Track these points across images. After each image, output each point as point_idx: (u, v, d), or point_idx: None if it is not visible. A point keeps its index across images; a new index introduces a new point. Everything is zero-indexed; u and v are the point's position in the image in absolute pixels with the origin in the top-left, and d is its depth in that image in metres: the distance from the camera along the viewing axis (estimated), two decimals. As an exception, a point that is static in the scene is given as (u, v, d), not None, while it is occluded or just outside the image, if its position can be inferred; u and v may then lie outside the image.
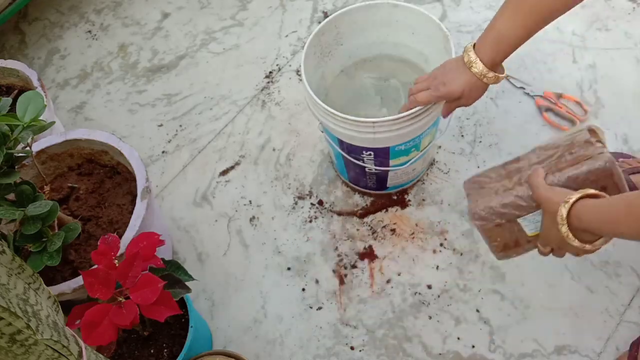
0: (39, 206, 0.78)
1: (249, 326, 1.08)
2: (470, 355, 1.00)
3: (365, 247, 1.13)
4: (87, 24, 1.63)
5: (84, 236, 1.00)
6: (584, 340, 0.99)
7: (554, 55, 1.32)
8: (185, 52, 1.50)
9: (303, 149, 1.28)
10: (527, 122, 1.23)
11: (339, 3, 1.53)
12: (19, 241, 0.81)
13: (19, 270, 0.59)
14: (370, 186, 1.17)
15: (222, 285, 1.13)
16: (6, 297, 0.51)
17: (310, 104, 0.99)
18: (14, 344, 0.51)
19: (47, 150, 1.05)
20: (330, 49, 1.10)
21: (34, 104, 0.80)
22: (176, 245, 1.20)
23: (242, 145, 1.31)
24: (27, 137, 0.80)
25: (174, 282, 0.85)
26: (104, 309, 0.75)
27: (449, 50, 0.97)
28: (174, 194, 1.27)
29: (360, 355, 1.03)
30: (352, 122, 0.92)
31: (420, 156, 1.06)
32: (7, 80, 1.25)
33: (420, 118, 0.93)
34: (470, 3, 1.45)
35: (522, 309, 1.03)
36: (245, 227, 1.20)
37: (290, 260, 1.14)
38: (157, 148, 1.34)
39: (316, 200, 1.21)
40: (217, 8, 1.58)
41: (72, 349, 0.59)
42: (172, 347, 0.92)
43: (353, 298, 1.08)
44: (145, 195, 0.96)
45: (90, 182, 1.07)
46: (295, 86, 1.39)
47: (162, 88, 1.45)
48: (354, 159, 1.05)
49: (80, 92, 1.48)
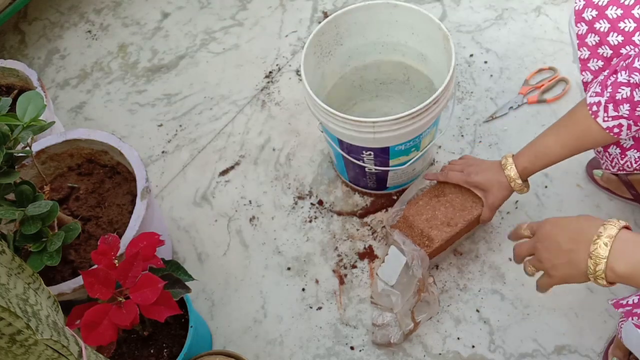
0: (39, 206, 0.78)
1: (249, 326, 1.08)
2: (470, 355, 1.00)
3: (365, 247, 1.13)
4: (87, 24, 1.63)
5: (84, 236, 1.00)
6: (584, 340, 0.99)
7: (554, 55, 1.32)
8: (185, 52, 1.50)
9: (303, 149, 1.28)
10: (527, 122, 1.23)
11: (339, 3, 1.53)
12: (19, 241, 0.81)
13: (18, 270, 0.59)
14: (370, 186, 1.17)
15: (222, 285, 1.13)
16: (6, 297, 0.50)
17: (310, 104, 0.99)
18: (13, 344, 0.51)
19: (47, 150, 1.05)
20: (330, 49, 1.10)
21: (34, 104, 0.80)
22: (176, 245, 1.20)
23: (242, 145, 1.31)
24: (27, 137, 0.79)
25: (174, 282, 0.85)
26: (104, 309, 0.75)
27: (449, 50, 0.97)
28: (173, 194, 1.27)
29: (360, 355, 1.03)
30: (352, 122, 0.92)
31: (420, 156, 1.06)
32: (7, 80, 1.25)
33: (420, 118, 0.93)
34: (470, 3, 1.45)
35: (522, 309, 1.03)
36: (245, 227, 1.20)
37: (290, 260, 1.14)
38: (157, 148, 1.34)
39: (316, 200, 1.21)
40: (217, 8, 1.58)
41: (72, 348, 0.59)
42: (172, 347, 0.92)
43: (353, 298, 1.08)
44: (145, 195, 0.96)
45: (90, 182, 1.07)
46: (295, 86, 1.39)
47: (162, 88, 1.45)
48: (354, 159, 1.05)
49: (80, 92, 1.48)
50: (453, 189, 1.03)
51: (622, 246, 0.61)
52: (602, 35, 0.79)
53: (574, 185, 1.14)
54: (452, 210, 1.01)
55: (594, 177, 1.13)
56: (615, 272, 0.62)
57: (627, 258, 0.61)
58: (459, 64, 1.34)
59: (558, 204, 1.13)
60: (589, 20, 0.80)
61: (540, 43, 1.34)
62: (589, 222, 0.66)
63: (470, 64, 1.34)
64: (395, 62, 1.16)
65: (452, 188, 1.04)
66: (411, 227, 1.02)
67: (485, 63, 1.33)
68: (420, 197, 1.05)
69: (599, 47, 0.80)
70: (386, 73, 1.19)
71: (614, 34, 0.78)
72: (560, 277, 0.69)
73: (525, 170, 0.92)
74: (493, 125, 1.24)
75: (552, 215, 1.11)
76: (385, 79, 1.21)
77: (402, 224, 1.04)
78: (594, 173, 1.12)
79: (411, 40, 1.10)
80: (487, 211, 0.99)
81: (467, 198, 1.02)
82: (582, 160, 1.16)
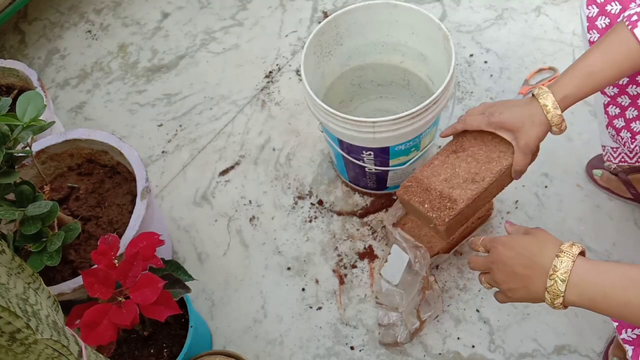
0: (39, 206, 0.78)
1: (249, 326, 1.08)
2: (470, 355, 1.00)
3: (365, 247, 1.13)
4: (87, 23, 1.63)
5: (84, 236, 1.00)
6: (584, 340, 0.99)
7: (554, 55, 1.32)
8: (185, 52, 1.50)
9: (303, 149, 1.28)
10: (527, 122, 1.23)
11: (339, 3, 1.53)
12: (19, 241, 0.81)
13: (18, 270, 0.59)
14: (370, 186, 1.17)
15: (222, 285, 1.13)
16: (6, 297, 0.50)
17: (310, 104, 0.99)
18: (13, 342, 0.51)
19: (47, 150, 1.05)
20: (330, 49, 1.10)
21: (34, 104, 0.80)
22: (176, 245, 1.19)
23: (242, 145, 1.31)
24: (26, 137, 0.79)
25: (174, 282, 0.85)
26: (104, 309, 0.75)
27: (449, 50, 0.97)
28: (173, 194, 1.27)
29: (360, 355, 1.02)
30: (352, 122, 0.92)
31: (420, 156, 1.06)
32: (7, 80, 1.25)
33: (420, 118, 0.93)
34: (470, 3, 1.45)
35: (522, 309, 1.03)
36: (245, 227, 1.20)
37: (290, 260, 1.14)
38: (157, 148, 1.34)
39: (316, 200, 1.21)
40: (217, 8, 1.58)
41: (72, 348, 0.59)
42: (172, 347, 0.92)
43: (353, 298, 1.08)
44: (145, 195, 0.96)
45: (90, 182, 1.07)
46: (295, 86, 1.39)
47: (162, 88, 1.45)
48: (354, 159, 1.05)
49: (80, 92, 1.48)
50: (474, 141, 0.84)
51: (578, 281, 0.61)
52: (612, 17, 0.78)
53: (574, 185, 1.14)
54: (476, 165, 0.82)
55: (594, 177, 1.13)
56: (573, 304, 0.63)
57: (584, 292, 0.61)
58: (459, 64, 1.34)
59: (558, 204, 1.13)
60: (600, 2, 0.78)
61: (540, 43, 1.34)
62: (542, 247, 0.65)
63: (470, 64, 1.34)
64: (394, 65, 1.16)
65: (473, 140, 0.85)
66: (427, 190, 0.84)
67: (485, 63, 1.33)
68: (435, 157, 0.86)
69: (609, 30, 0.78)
70: (385, 75, 1.19)
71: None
72: (518, 299, 0.69)
73: (565, 100, 0.75)
74: (493, 125, 1.24)
75: (552, 215, 1.11)
76: (384, 81, 1.21)
77: (414, 190, 0.85)
78: (594, 173, 1.13)
79: (411, 40, 1.10)
80: (520, 157, 0.80)
81: (492, 149, 0.82)
82: (582, 160, 1.16)
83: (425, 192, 0.83)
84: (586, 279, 0.61)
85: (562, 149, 1.19)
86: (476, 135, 0.84)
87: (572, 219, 1.11)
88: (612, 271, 0.60)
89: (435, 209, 0.81)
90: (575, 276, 0.61)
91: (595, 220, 1.10)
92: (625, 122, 0.87)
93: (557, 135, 0.80)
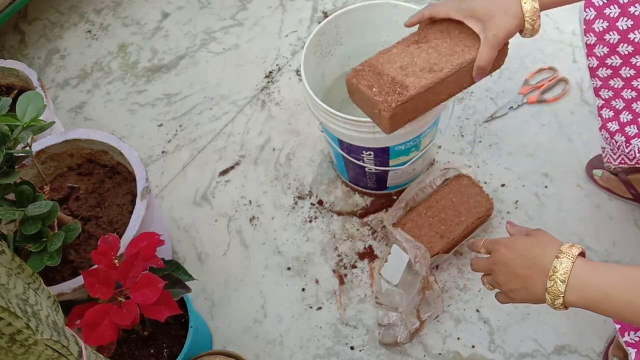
0: (39, 206, 0.78)
1: (249, 326, 1.08)
2: (470, 355, 1.00)
3: (365, 247, 1.13)
4: (87, 23, 1.63)
5: (84, 236, 1.00)
6: (584, 340, 0.99)
7: (554, 55, 1.32)
8: (185, 52, 1.50)
9: (303, 149, 1.28)
10: (527, 122, 1.23)
11: (339, 3, 1.53)
12: (19, 241, 0.81)
13: (18, 270, 0.59)
14: (370, 186, 1.17)
15: (222, 285, 1.13)
16: (6, 297, 0.50)
17: (310, 104, 0.99)
18: (13, 343, 0.51)
19: (47, 150, 1.05)
20: (330, 49, 1.10)
21: (34, 104, 0.80)
22: (176, 245, 1.20)
23: (242, 145, 1.31)
24: (27, 137, 0.79)
25: (174, 282, 0.85)
26: (104, 309, 0.75)
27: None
28: (173, 194, 1.27)
29: (360, 355, 1.03)
30: (352, 122, 0.92)
31: (420, 156, 1.06)
32: (7, 80, 1.25)
33: (420, 118, 0.93)
34: (470, 3, 1.45)
35: (522, 309, 1.03)
36: (245, 227, 1.20)
37: (290, 260, 1.14)
38: (157, 148, 1.34)
39: (316, 200, 1.21)
40: (217, 8, 1.58)
41: (72, 348, 0.59)
42: (172, 347, 0.92)
43: (353, 298, 1.08)
44: (145, 195, 0.96)
45: (90, 182, 1.07)
46: (295, 86, 1.39)
47: (162, 88, 1.45)
48: (354, 159, 1.05)
49: (80, 92, 1.48)
50: (439, 34, 0.80)
51: (577, 282, 0.62)
52: (611, 21, 0.78)
53: (574, 185, 1.14)
54: (437, 56, 0.78)
55: (594, 177, 1.13)
56: (574, 304, 0.63)
57: (583, 293, 0.62)
58: (459, 64, 1.34)
59: (558, 204, 1.13)
60: (598, 5, 0.78)
61: (540, 43, 1.34)
62: (543, 248, 0.66)
63: (470, 64, 1.34)
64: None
65: (439, 33, 0.80)
66: (379, 74, 0.79)
67: (485, 63, 1.33)
68: (394, 46, 0.82)
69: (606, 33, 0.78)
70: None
71: (623, 19, 0.75)
72: (519, 300, 0.70)
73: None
74: (493, 125, 1.24)
75: (552, 216, 1.11)
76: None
77: (365, 74, 0.80)
78: (594, 173, 1.13)
79: (411, 40, 1.10)
80: (485, 50, 0.75)
81: (457, 42, 0.78)
82: (582, 160, 1.16)
83: (376, 76, 0.79)
84: (585, 279, 0.62)
85: (562, 149, 1.19)
86: (442, 29, 0.81)
87: (572, 219, 1.11)
88: (611, 272, 0.61)
89: (383, 94, 0.76)
90: (575, 277, 0.62)
91: (595, 220, 1.10)
92: (619, 126, 0.87)
93: (528, 37, 0.75)
